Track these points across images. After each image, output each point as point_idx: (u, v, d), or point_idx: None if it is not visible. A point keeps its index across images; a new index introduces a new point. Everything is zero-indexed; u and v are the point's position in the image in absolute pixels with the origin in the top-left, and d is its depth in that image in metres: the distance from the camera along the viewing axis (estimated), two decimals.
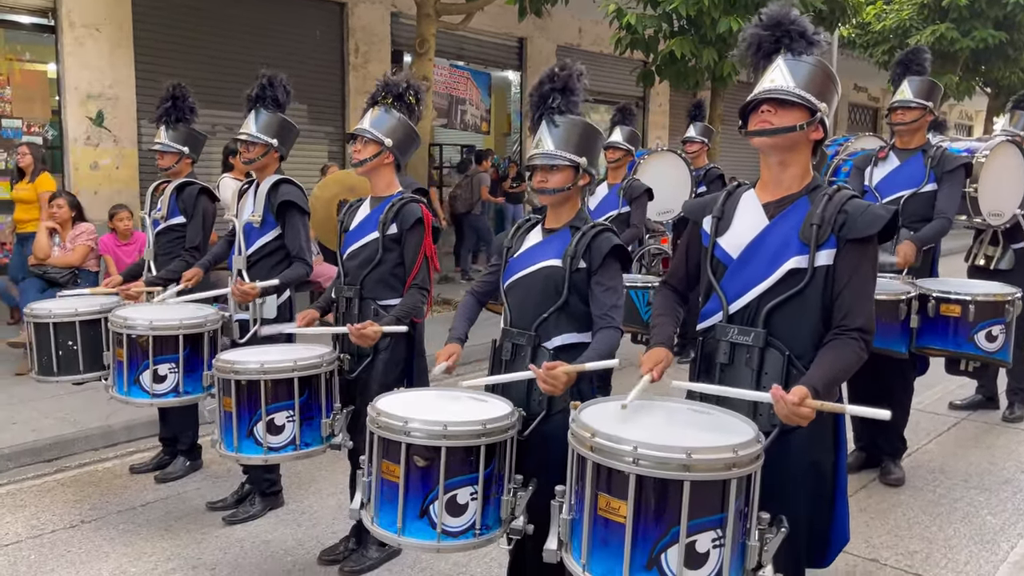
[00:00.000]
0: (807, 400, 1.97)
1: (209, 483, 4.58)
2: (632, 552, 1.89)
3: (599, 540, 1.96)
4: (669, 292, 2.55)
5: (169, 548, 3.80)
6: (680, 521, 1.87)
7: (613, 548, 1.92)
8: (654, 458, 1.87)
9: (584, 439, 1.99)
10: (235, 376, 3.12)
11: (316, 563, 3.63)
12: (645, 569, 1.89)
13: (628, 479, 1.89)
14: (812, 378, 2.06)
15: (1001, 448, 5.18)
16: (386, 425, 2.48)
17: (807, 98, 2.19)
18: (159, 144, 4.50)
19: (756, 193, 2.33)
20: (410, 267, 3.34)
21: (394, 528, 2.48)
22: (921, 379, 4.77)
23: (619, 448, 1.91)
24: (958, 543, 3.88)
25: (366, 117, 3.37)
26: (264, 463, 3.38)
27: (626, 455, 1.89)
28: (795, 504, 2.13)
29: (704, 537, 1.89)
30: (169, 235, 4.53)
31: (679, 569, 1.88)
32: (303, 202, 3.94)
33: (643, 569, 1.89)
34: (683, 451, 1.87)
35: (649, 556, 1.89)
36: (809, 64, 2.23)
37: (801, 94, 2.18)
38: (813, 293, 2.19)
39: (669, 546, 1.88)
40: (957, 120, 26.38)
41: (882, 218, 2.16)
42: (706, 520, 1.89)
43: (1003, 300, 4.26)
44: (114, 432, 5.26)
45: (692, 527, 1.88)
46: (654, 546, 1.89)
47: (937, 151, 4.53)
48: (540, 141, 2.78)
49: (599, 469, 1.96)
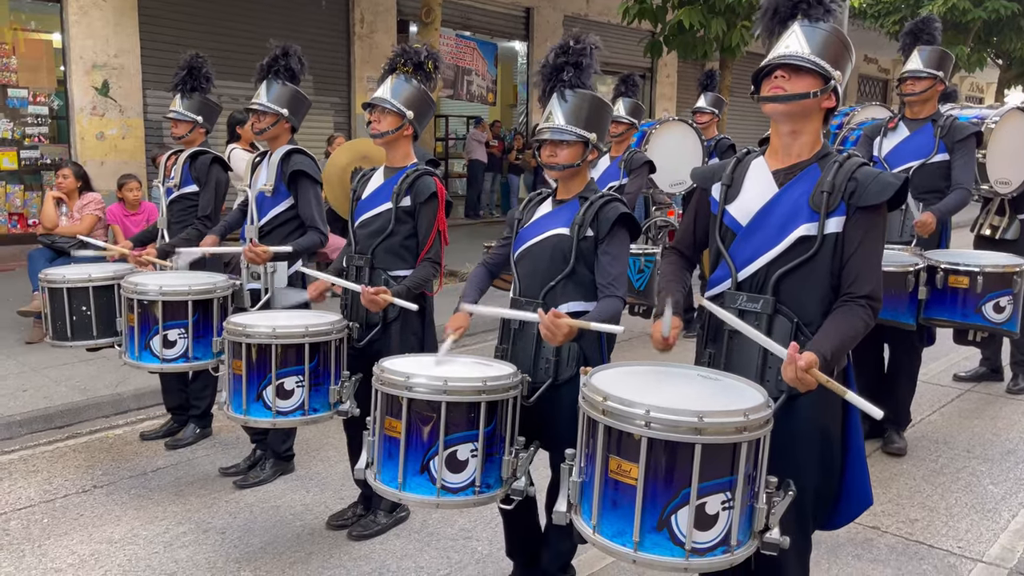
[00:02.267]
0: (814, 370, 1.97)
1: (219, 450, 4.64)
2: (643, 514, 1.92)
3: (609, 502, 1.98)
4: (676, 258, 2.55)
5: (180, 512, 3.87)
6: (691, 483, 1.89)
7: (623, 510, 1.95)
8: (666, 421, 1.89)
9: (596, 403, 2.00)
10: (247, 339, 3.15)
11: (324, 528, 3.69)
12: (655, 530, 1.92)
13: (640, 442, 1.91)
14: (821, 345, 2.06)
15: (1004, 419, 5.21)
16: (389, 381, 2.53)
17: (821, 65, 2.16)
18: (173, 112, 4.50)
19: (766, 160, 2.32)
20: (424, 241, 3.34)
21: (395, 483, 2.53)
22: (926, 351, 4.77)
23: (631, 412, 1.92)
24: (959, 512, 3.92)
25: (385, 86, 3.32)
26: (272, 427, 3.44)
27: (638, 418, 1.91)
28: (802, 468, 2.14)
29: (714, 499, 1.92)
30: (182, 204, 4.54)
31: (689, 530, 1.91)
32: (315, 172, 3.94)
33: (653, 530, 1.92)
34: (695, 415, 1.88)
35: (659, 518, 1.92)
36: (825, 31, 2.20)
37: (816, 61, 2.16)
38: (822, 260, 2.18)
39: (679, 508, 1.91)
40: (968, 92, 26.13)
41: (892, 186, 2.14)
42: (716, 483, 1.91)
43: (1012, 271, 4.26)
44: (124, 400, 5.31)
45: (702, 489, 1.90)
46: (664, 508, 1.91)
47: (947, 121, 4.49)
48: (551, 115, 2.77)
49: (610, 432, 1.98)
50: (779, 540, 2.01)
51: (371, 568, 3.37)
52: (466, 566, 3.39)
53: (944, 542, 3.62)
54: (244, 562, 3.42)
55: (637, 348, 6.79)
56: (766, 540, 2.02)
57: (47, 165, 9.57)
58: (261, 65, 3.90)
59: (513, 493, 2.62)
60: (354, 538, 3.53)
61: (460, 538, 3.62)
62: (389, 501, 3.60)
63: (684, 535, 1.91)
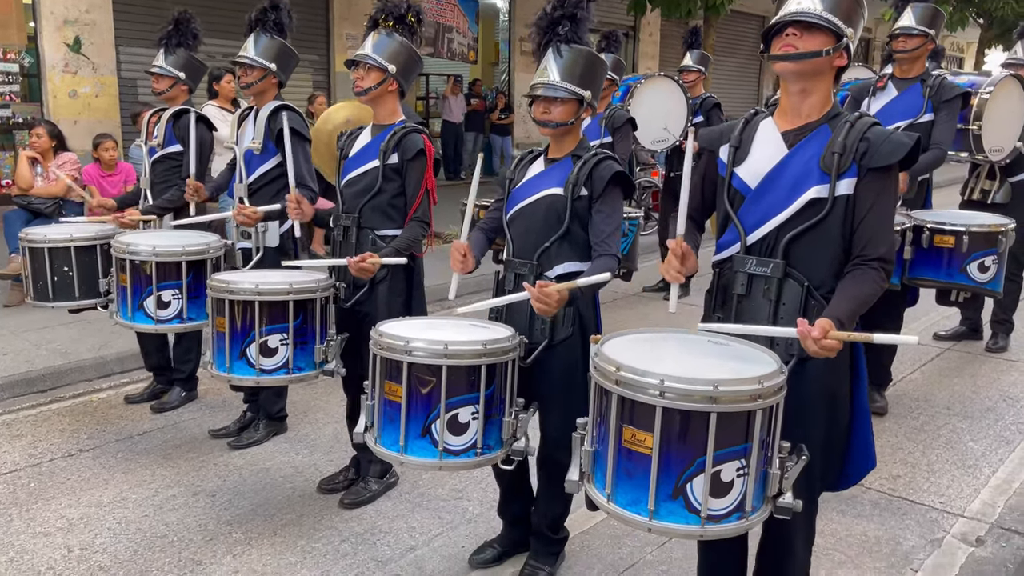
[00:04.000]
0: (831, 332, 1.95)
1: (205, 413, 4.62)
2: (658, 483, 1.92)
3: (623, 471, 1.98)
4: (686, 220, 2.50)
5: (168, 475, 3.86)
6: (706, 452, 1.89)
7: (638, 479, 1.95)
8: (680, 391, 1.87)
9: (608, 373, 1.98)
10: (229, 296, 3.11)
11: (316, 491, 3.69)
12: (671, 499, 1.92)
13: (654, 411, 1.89)
14: (835, 309, 2.04)
15: (984, 377, 5.29)
16: (388, 346, 2.51)
17: (834, 22, 2.08)
18: (156, 67, 4.38)
19: (775, 121, 2.26)
20: (411, 199, 3.29)
21: (396, 447, 2.53)
22: (908, 311, 4.82)
23: (645, 381, 1.91)
24: (940, 468, 3.99)
25: (367, 42, 3.25)
26: (256, 385, 3.40)
27: (652, 388, 1.89)
28: (811, 431, 2.14)
29: (729, 467, 1.92)
30: (166, 164, 4.44)
31: (704, 498, 1.91)
32: (304, 128, 3.87)
33: (669, 499, 1.92)
34: (710, 383, 1.87)
35: (675, 486, 1.92)
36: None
37: (828, 17, 2.08)
38: (833, 223, 2.14)
39: (694, 476, 1.90)
40: (949, 52, 26.11)
41: (905, 145, 2.09)
42: (731, 450, 1.91)
43: (997, 231, 4.29)
44: (107, 363, 5.26)
45: (717, 457, 1.90)
46: (679, 476, 1.91)
47: (936, 80, 4.47)
48: (545, 70, 2.72)
49: (624, 402, 1.96)
50: (792, 504, 2.02)
51: (363, 529, 3.38)
52: (457, 526, 3.41)
53: (926, 498, 3.69)
54: (235, 524, 3.42)
55: (622, 309, 6.83)
56: (779, 504, 2.03)
57: (19, 124, 9.33)
58: (249, 18, 3.79)
59: (514, 454, 2.64)
60: (346, 506, 3.53)
61: (451, 498, 3.64)
62: (380, 466, 3.61)
63: (699, 503, 1.91)
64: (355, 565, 3.13)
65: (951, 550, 3.27)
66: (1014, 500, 3.67)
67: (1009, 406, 4.79)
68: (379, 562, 3.15)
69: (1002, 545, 3.31)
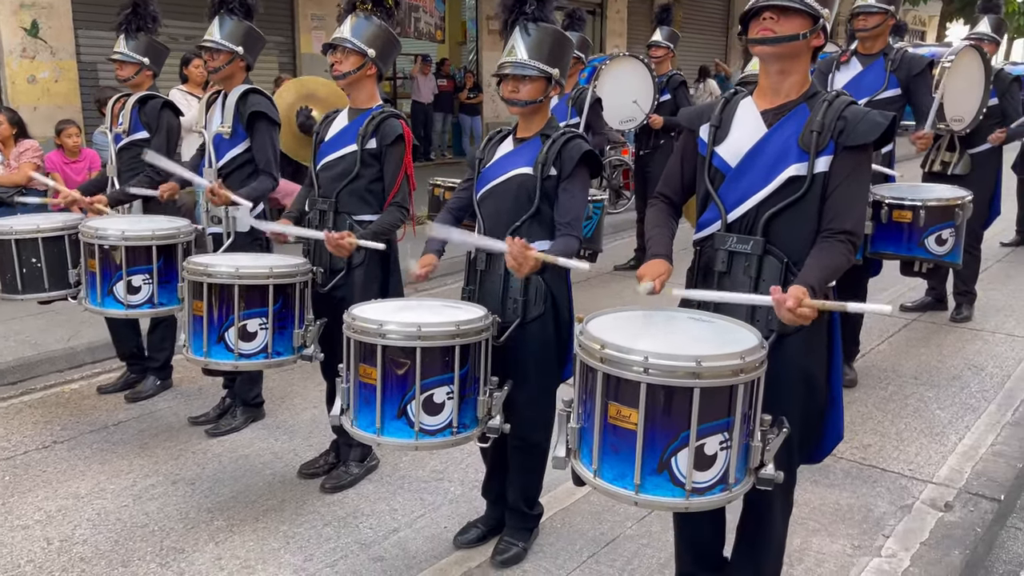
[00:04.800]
0: (805, 300, 1.99)
1: (181, 401, 4.59)
2: (643, 457, 1.96)
3: (609, 447, 2.02)
4: (664, 205, 2.52)
5: (146, 465, 3.83)
6: (690, 426, 1.93)
7: (624, 454, 1.99)
8: (664, 367, 1.91)
9: (593, 351, 2.01)
10: (208, 279, 3.09)
11: (296, 476, 3.70)
12: (656, 473, 1.97)
13: (639, 388, 1.93)
14: (807, 277, 2.09)
15: (949, 347, 5.42)
16: (362, 329, 2.54)
17: (810, 4, 2.11)
18: (118, 54, 4.30)
19: (754, 100, 2.30)
20: (390, 185, 3.28)
21: (373, 429, 2.57)
22: (874, 282, 4.91)
23: (629, 359, 1.94)
24: (909, 436, 4.10)
25: (345, 25, 3.22)
26: (234, 369, 3.40)
27: (636, 365, 1.93)
28: (791, 408, 2.19)
29: (712, 440, 1.96)
30: (133, 150, 4.36)
31: (689, 471, 1.95)
32: (274, 113, 3.83)
33: (654, 473, 1.97)
34: (693, 359, 1.91)
35: (660, 460, 1.96)
36: None
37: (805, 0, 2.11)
38: (812, 200, 2.19)
39: (679, 450, 1.95)
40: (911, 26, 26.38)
41: (880, 125, 2.14)
42: (714, 424, 1.96)
43: (953, 204, 4.38)
44: (78, 353, 5.20)
45: (701, 431, 1.94)
46: (664, 451, 1.95)
47: (897, 54, 4.53)
48: (512, 49, 2.73)
49: (609, 379, 1.99)
50: (773, 475, 2.08)
51: (345, 513, 3.40)
52: (440, 507, 3.44)
53: (896, 465, 3.79)
54: (216, 511, 3.42)
55: (596, 288, 6.88)
56: (761, 476, 2.08)
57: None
58: (213, 0, 3.73)
59: (489, 431, 2.68)
60: (327, 491, 3.54)
61: (432, 480, 3.67)
62: (360, 450, 3.62)
63: (684, 476, 1.96)
64: (338, 549, 3.14)
65: (921, 515, 3.36)
66: (980, 466, 3.78)
67: (974, 374, 4.92)
68: (362, 545, 3.17)
69: (970, 510, 3.41)
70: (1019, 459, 3.83)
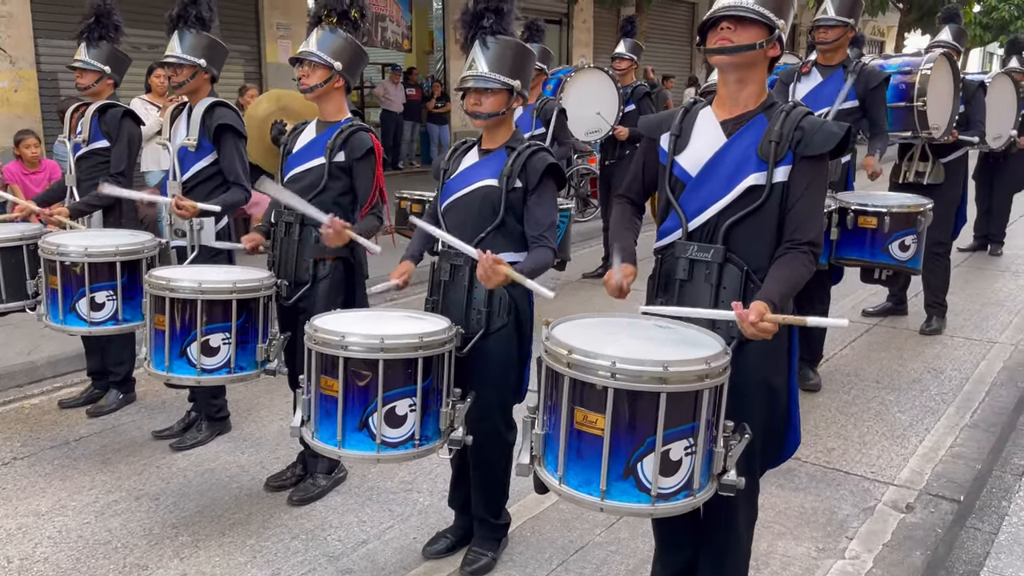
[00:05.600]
0: (767, 315, 2.02)
1: (144, 415, 4.52)
2: (609, 462, 1.97)
3: (575, 453, 2.02)
4: (627, 205, 2.55)
5: (109, 481, 3.77)
6: (656, 431, 1.95)
7: (589, 460, 2.00)
8: (631, 372, 1.92)
9: (560, 356, 2.02)
10: (170, 294, 3.06)
11: (263, 489, 3.66)
12: (622, 478, 1.98)
13: (606, 393, 1.94)
14: (768, 292, 2.12)
15: (910, 351, 5.53)
16: (323, 341, 2.53)
17: (766, 15, 2.16)
18: (79, 61, 4.25)
19: (713, 110, 2.33)
20: (364, 197, 3.28)
21: (334, 441, 2.56)
22: (836, 289, 5.00)
23: (596, 363, 1.95)
24: (871, 439, 4.17)
25: (311, 38, 3.22)
26: (196, 384, 3.38)
27: (603, 369, 1.94)
28: (753, 415, 2.22)
29: (677, 446, 1.98)
30: (92, 160, 4.31)
31: (654, 477, 1.97)
32: (240, 125, 3.82)
33: (620, 479, 1.98)
34: (659, 364, 1.93)
35: (625, 466, 1.97)
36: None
37: (760, 11, 2.16)
38: (771, 209, 2.23)
39: (645, 455, 1.96)
40: (870, 36, 26.92)
41: (836, 136, 2.19)
42: (680, 429, 1.97)
43: (916, 211, 4.48)
44: (38, 368, 5.10)
45: (667, 436, 1.96)
46: (630, 456, 1.97)
47: (856, 66, 4.63)
48: (473, 63, 2.75)
49: (575, 384, 2.00)
50: (736, 481, 2.10)
51: (313, 525, 3.37)
52: (408, 517, 3.43)
53: (859, 468, 3.85)
54: (181, 527, 3.37)
55: (564, 295, 6.89)
56: (723, 482, 2.10)
57: None
58: (170, 15, 3.71)
59: (452, 444, 2.67)
60: (295, 503, 3.51)
61: (401, 491, 3.65)
62: (328, 462, 3.60)
63: (650, 481, 1.97)
64: (306, 562, 3.12)
65: (883, 517, 3.43)
66: (940, 467, 3.86)
67: (933, 377, 5.02)
68: (331, 557, 3.15)
69: (931, 511, 3.48)
70: (978, 460, 3.91)
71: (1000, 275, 7.73)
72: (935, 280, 5.82)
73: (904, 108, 4.98)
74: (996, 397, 4.71)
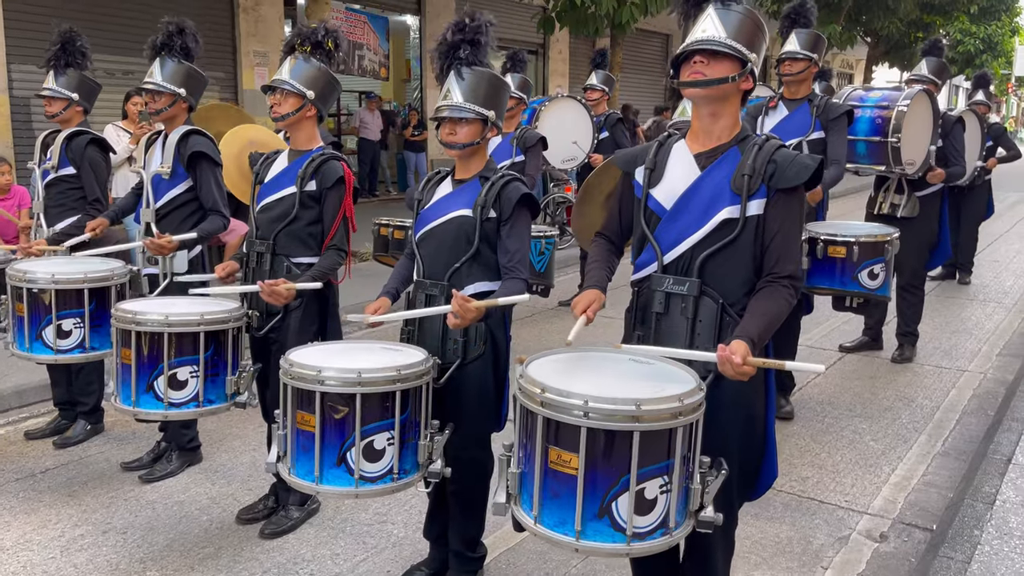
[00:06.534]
0: (748, 358, 2.03)
1: (113, 446, 4.44)
2: (584, 502, 1.95)
3: (550, 492, 2.00)
4: (604, 242, 2.56)
5: (75, 514, 3.69)
6: (630, 470, 1.93)
7: (564, 499, 1.97)
8: (604, 411, 1.91)
9: (533, 395, 2.00)
10: (136, 327, 3.02)
11: (234, 522, 3.60)
12: (596, 518, 1.95)
13: (579, 432, 1.92)
14: (747, 329, 2.12)
15: (882, 379, 5.59)
16: (299, 375, 2.50)
17: (739, 49, 2.19)
18: (47, 90, 4.24)
19: (687, 144, 2.35)
20: (328, 227, 3.26)
21: (311, 477, 2.52)
22: (808, 318, 5.05)
23: (569, 402, 1.93)
24: (845, 468, 4.19)
25: (284, 67, 3.22)
26: (164, 419, 3.33)
27: (576, 408, 1.92)
28: (730, 450, 2.21)
29: (652, 484, 1.96)
30: (59, 186, 4.29)
31: (629, 516, 1.94)
32: (215, 153, 3.81)
33: (595, 518, 1.95)
34: (632, 402, 1.91)
35: (600, 505, 1.95)
36: (739, 13, 2.22)
37: (733, 45, 2.18)
38: (745, 242, 2.24)
39: (619, 494, 1.94)
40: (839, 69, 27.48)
41: (809, 168, 2.21)
42: (654, 467, 1.96)
43: (883, 240, 4.56)
44: (4, 397, 4.99)
45: (641, 475, 1.94)
46: (605, 495, 1.94)
47: (821, 100, 4.72)
48: (448, 93, 2.77)
49: (549, 423, 1.98)
50: (713, 517, 2.08)
51: (285, 559, 3.31)
52: (383, 550, 3.39)
53: (833, 497, 3.87)
54: (149, 562, 3.30)
55: (540, 324, 6.91)
56: (701, 519, 2.08)
57: None
58: (153, 42, 3.71)
59: (430, 476, 2.65)
60: (267, 536, 3.45)
61: (375, 523, 3.61)
62: (301, 494, 3.54)
63: (625, 521, 1.95)
64: None
65: (857, 547, 3.44)
66: (913, 496, 3.89)
67: (905, 405, 5.07)
68: None
69: (904, 540, 3.50)
70: (949, 489, 3.95)
71: (968, 303, 7.86)
72: (909, 311, 5.90)
73: (879, 143, 5.08)
74: (966, 425, 4.77)
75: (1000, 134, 8.83)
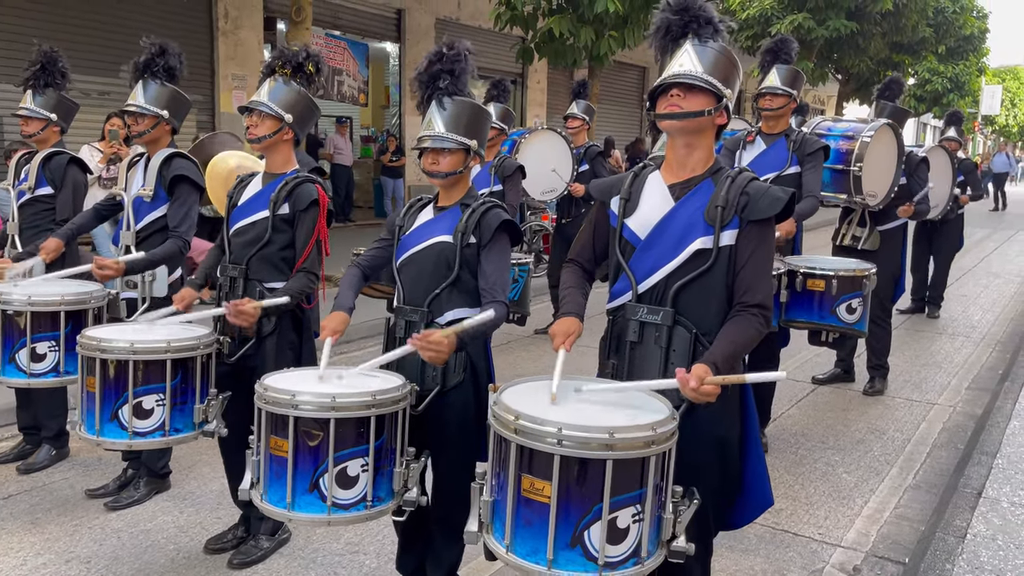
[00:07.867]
0: (708, 377, 2.05)
1: (78, 472, 4.34)
2: (556, 531, 1.94)
3: (523, 521, 1.99)
4: (577, 268, 2.58)
5: (38, 542, 3.59)
6: (603, 499, 1.93)
7: (537, 528, 1.96)
8: (578, 439, 1.91)
9: (508, 422, 2.00)
10: (101, 355, 2.96)
11: (202, 552, 3.52)
12: (569, 547, 1.94)
13: (552, 460, 1.92)
14: (712, 354, 2.16)
15: (854, 411, 5.64)
16: (273, 400, 2.46)
17: (714, 84, 2.25)
18: (24, 109, 4.19)
19: (661, 175, 2.40)
20: (300, 250, 3.22)
21: (283, 504, 2.48)
22: (784, 351, 5.08)
23: (543, 430, 1.93)
24: (818, 500, 4.21)
25: (263, 88, 3.20)
26: (128, 448, 3.25)
27: (550, 436, 1.92)
28: (703, 478, 2.22)
29: (625, 513, 1.96)
30: (35, 207, 4.24)
31: (602, 545, 1.94)
32: (198, 177, 3.78)
33: (567, 547, 1.94)
34: (605, 431, 1.92)
35: (573, 534, 1.94)
36: (715, 50, 2.29)
37: (709, 80, 2.25)
38: (718, 272, 2.28)
39: (592, 523, 1.94)
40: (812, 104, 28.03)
41: (781, 200, 2.26)
42: (626, 496, 1.96)
43: (861, 275, 4.61)
44: None
45: (614, 504, 1.94)
46: (577, 524, 1.94)
47: (798, 135, 4.80)
48: (430, 123, 2.78)
49: (523, 451, 1.98)
50: (685, 547, 2.08)
51: None
52: None
53: (807, 529, 3.88)
54: None
55: (516, 351, 6.90)
56: (673, 548, 2.08)
57: None
58: (136, 64, 3.69)
59: (405, 504, 2.61)
60: (235, 566, 3.38)
61: (347, 553, 3.55)
62: (271, 523, 3.48)
63: (597, 550, 1.94)
64: None
65: None
66: (885, 529, 3.91)
67: (877, 438, 5.11)
68: None
69: (877, 573, 3.51)
70: (921, 522, 3.97)
71: (938, 337, 7.97)
72: (877, 344, 5.98)
73: (841, 171, 5.17)
74: (937, 458, 4.81)
75: (970, 170, 9.02)
